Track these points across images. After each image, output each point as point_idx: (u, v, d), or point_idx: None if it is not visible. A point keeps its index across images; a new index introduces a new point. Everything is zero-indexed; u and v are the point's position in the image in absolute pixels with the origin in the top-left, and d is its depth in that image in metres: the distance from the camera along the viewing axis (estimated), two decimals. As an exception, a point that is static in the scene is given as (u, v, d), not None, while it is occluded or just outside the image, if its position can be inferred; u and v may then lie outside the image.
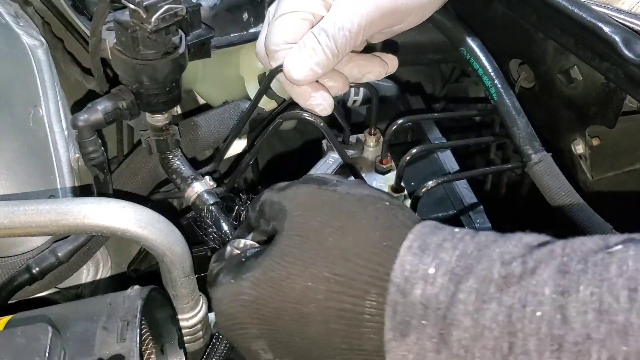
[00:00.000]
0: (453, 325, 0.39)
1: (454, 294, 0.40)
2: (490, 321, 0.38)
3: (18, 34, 0.81)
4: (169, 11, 0.57)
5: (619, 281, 0.36)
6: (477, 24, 0.83)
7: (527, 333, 0.37)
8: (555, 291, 0.37)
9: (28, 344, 0.49)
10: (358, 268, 0.44)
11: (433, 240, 0.43)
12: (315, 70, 0.60)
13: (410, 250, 0.43)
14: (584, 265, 0.37)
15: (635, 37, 0.62)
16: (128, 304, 0.55)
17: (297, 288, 0.45)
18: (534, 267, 0.39)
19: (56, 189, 0.74)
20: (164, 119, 0.69)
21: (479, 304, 0.39)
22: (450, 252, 0.42)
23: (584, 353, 0.35)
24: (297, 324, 0.45)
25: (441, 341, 0.40)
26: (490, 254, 0.41)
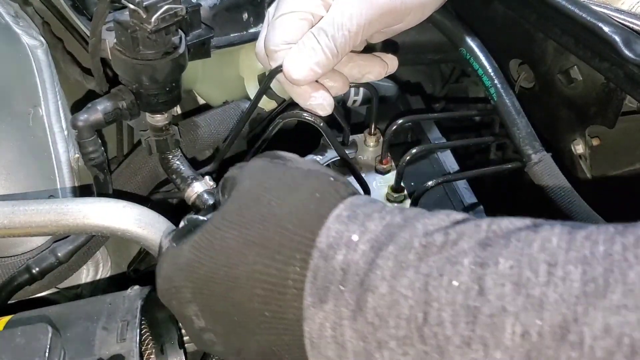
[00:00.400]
0: (369, 291, 0.39)
1: (373, 260, 0.39)
2: (406, 288, 0.37)
3: (18, 34, 0.81)
4: (169, 11, 0.57)
5: (540, 256, 0.35)
6: (477, 24, 0.83)
7: (442, 303, 0.36)
8: (475, 262, 0.36)
9: (28, 344, 0.49)
10: (288, 234, 0.44)
11: (363, 210, 0.43)
12: (315, 70, 0.60)
13: (339, 219, 0.43)
14: (507, 240, 0.37)
15: (635, 37, 0.62)
16: (128, 304, 0.55)
17: (229, 251, 0.45)
18: (455, 239, 0.38)
19: (56, 189, 0.74)
20: (163, 119, 0.69)
21: (397, 270, 0.38)
22: (377, 222, 0.42)
23: (498, 325, 0.34)
24: (226, 287, 0.45)
25: (357, 308, 0.39)
26: (415, 224, 0.41)
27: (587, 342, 0.32)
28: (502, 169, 0.81)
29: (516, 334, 0.34)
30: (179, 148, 0.74)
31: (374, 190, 0.78)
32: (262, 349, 0.46)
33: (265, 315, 0.44)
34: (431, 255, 0.38)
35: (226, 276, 0.45)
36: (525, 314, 0.34)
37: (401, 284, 0.38)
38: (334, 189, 0.47)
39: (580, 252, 0.35)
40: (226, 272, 0.45)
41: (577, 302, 0.33)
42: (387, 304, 0.38)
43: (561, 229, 0.37)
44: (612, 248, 0.34)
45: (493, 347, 0.34)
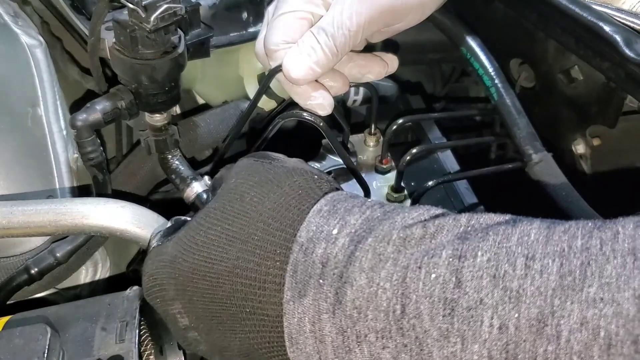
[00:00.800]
0: (348, 283, 0.39)
1: (352, 253, 0.39)
2: (385, 280, 0.37)
3: (17, 33, 0.81)
4: (168, 10, 0.57)
5: (518, 249, 0.35)
6: (477, 23, 0.83)
7: (420, 295, 0.36)
8: (453, 255, 0.36)
9: (27, 344, 0.49)
10: (269, 230, 0.44)
11: (343, 205, 0.44)
12: (314, 69, 0.60)
13: (319, 214, 0.43)
14: (485, 234, 0.37)
15: (636, 37, 0.62)
16: (127, 304, 0.55)
17: (211, 247, 0.46)
18: (434, 232, 0.39)
19: (55, 189, 0.74)
20: (163, 118, 0.69)
21: (375, 262, 0.38)
22: (356, 216, 0.42)
23: (476, 318, 0.34)
24: (208, 284, 0.46)
25: (336, 301, 0.39)
26: (394, 217, 0.41)
27: (564, 335, 0.32)
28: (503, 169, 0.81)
29: (494, 326, 0.34)
30: (178, 148, 0.73)
31: (374, 191, 0.78)
32: (245, 348, 0.46)
33: (246, 312, 0.44)
34: (410, 247, 0.38)
35: (208, 272, 0.46)
36: (503, 307, 0.34)
37: (380, 277, 0.38)
38: (316, 185, 0.47)
39: (558, 246, 0.35)
40: (208, 268, 0.46)
41: (554, 295, 0.33)
42: (365, 297, 0.38)
43: (540, 223, 0.37)
44: (590, 242, 0.34)
45: (471, 340, 0.34)
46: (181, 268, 0.47)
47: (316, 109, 0.64)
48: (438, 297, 0.35)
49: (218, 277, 0.45)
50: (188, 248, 0.47)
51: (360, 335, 0.38)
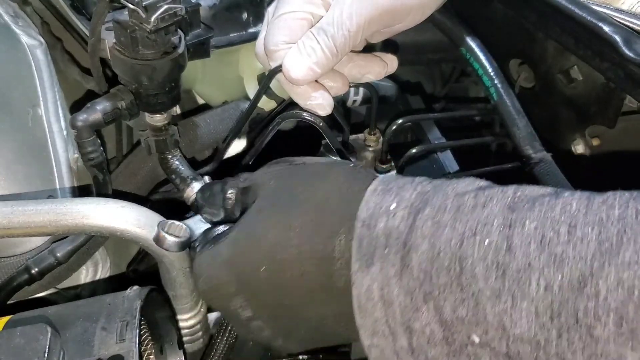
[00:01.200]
0: (412, 249, 0.42)
1: (412, 223, 0.43)
2: (445, 244, 0.41)
3: (17, 33, 0.81)
4: (168, 11, 0.57)
5: (561, 218, 0.39)
6: (477, 24, 0.83)
7: (475, 259, 0.40)
8: (504, 224, 0.40)
9: (27, 344, 0.49)
10: (328, 213, 0.48)
11: (395, 184, 0.47)
12: (314, 69, 0.60)
13: (375, 193, 0.47)
14: (532, 205, 0.41)
15: (635, 37, 0.62)
16: (127, 304, 0.55)
17: (271, 238, 0.49)
18: (485, 202, 0.42)
19: (55, 189, 0.74)
20: (163, 119, 0.69)
21: (435, 229, 0.42)
22: (410, 192, 0.46)
23: (524, 280, 0.38)
24: (273, 272, 0.49)
25: (403, 266, 0.43)
26: (446, 189, 0.45)
27: (602, 293, 0.35)
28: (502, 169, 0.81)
29: (540, 287, 0.37)
30: (178, 148, 0.73)
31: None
32: (312, 326, 0.50)
33: (315, 290, 0.48)
34: (464, 216, 0.42)
35: (272, 262, 0.49)
36: (548, 270, 0.37)
37: (440, 241, 0.42)
38: (359, 172, 0.51)
39: (597, 216, 0.38)
40: (271, 258, 0.49)
41: (593, 259, 0.36)
42: (428, 259, 0.42)
43: (580, 195, 0.41)
44: (626, 212, 0.38)
45: (520, 299, 0.38)
46: (243, 265, 0.50)
47: (316, 109, 0.64)
48: (491, 260, 0.39)
49: (283, 264, 0.48)
50: (246, 244, 0.50)
51: (426, 293, 0.42)
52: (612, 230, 0.37)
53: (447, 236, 0.42)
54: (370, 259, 0.44)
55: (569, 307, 0.37)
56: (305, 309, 0.49)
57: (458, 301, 0.40)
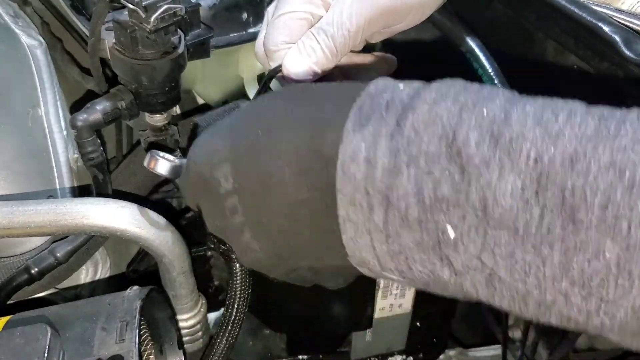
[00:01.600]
0: (410, 111, 0.42)
1: (417, 93, 0.44)
2: (444, 110, 0.41)
3: (17, 34, 0.81)
4: (168, 11, 0.57)
5: (563, 106, 0.39)
6: (476, 23, 0.83)
7: (471, 126, 0.39)
8: (506, 100, 0.40)
9: (27, 344, 0.49)
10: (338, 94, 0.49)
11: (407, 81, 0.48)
12: (314, 69, 0.60)
13: (385, 79, 0.48)
14: (535, 98, 0.41)
15: (635, 37, 0.62)
16: (127, 304, 0.55)
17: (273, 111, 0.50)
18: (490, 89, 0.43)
19: (55, 189, 0.74)
20: (163, 119, 0.69)
21: (438, 97, 0.42)
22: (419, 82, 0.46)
23: (515, 149, 0.37)
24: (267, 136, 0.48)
25: (396, 126, 0.42)
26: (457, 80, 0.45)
27: (592, 172, 0.35)
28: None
29: (530, 158, 0.37)
30: (178, 148, 0.73)
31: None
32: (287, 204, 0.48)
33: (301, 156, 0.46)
34: (469, 93, 0.42)
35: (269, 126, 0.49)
36: (542, 142, 0.37)
37: (440, 107, 0.41)
38: None
39: (599, 111, 0.38)
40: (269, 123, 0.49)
41: (589, 140, 0.36)
42: (424, 121, 0.41)
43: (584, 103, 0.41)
44: (629, 113, 0.37)
45: (508, 169, 0.37)
46: (240, 127, 0.51)
47: (316, 109, 0.64)
48: (486, 129, 0.39)
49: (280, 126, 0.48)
50: (251, 112, 0.52)
51: (411, 157, 0.41)
52: (611, 121, 0.37)
53: (447, 104, 0.41)
54: (366, 120, 0.43)
55: (557, 183, 0.36)
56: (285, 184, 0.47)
57: (442, 174, 0.40)
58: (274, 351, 0.99)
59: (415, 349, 1.08)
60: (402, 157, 0.41)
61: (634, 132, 0.36)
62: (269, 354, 1.00)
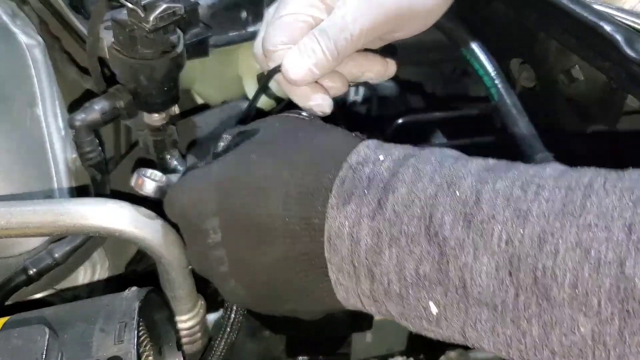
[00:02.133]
0: (390, 191, 0.44)
1: (396, 170, 0.45)
2: (421, 192, 0.43)
3: (15, 33, 0.80)
4: (167, 10, 0.57)
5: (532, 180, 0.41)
6: (477, 23, 0.83)
7: (446, 208, 0.42)
8: (477, 180, 0.42)
9: (25, 345, 0.49)
10: (321, 156, 0.50)
11: (388, 145, 0.50)
12: (313, 71, 0.59)
13: (367, 147, 0.49)
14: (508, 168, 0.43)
15: (637, 36, 0.62)
16: (126, 305, 0.55)
17: (265, 168, 0.51)
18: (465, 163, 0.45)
19: (53, 189, 0.74)
20: (161, 118, 0.68)
21: (415, 177, 0.44)
22: (400, 150, 0.48)
23: (487, 231, 0.39)
24: (257, 198, 0.50)
25: (378, 207, 0.44)
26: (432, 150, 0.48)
27: (560, 252, 0.37)
28: (503, 169, 0.80)
29: (502, 239, 0.39)
30: (177, 148, 0.73)
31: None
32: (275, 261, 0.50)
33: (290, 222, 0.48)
34: (444, 169, 0.44)
35: (259, 189, 0.50)
36: (511, 223, 0.39)
37: (417, 188, 0.43)
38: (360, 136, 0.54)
39: (567, 181, 0.40)
40: (259, 186, 0.50)
41: (556, 219, 0.38)
42: (404, 203, 0.43)
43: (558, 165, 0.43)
44: (596, 180, 0.39)
45: (482, 251, 0.39)
46: (229, 187, 0.51)
47: (315, 109, 0.64)
48: (460, 211, 0.41)
49: (269, 192, 0.49)
50: (237, 168, 0.52)
51: (393, 238, 0.43)
52: (578, 194, 0.38)
53: (424, 184, 0.43)
54: (349, 197, 0.46)
55: (529, 264, 0.37)
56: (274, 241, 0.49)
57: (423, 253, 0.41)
58: (273, 352, 0.99)
59: (415, 350, 1.07)
60: (384, 237, 0.43)
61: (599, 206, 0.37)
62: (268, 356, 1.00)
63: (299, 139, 0.53)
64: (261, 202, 0.50)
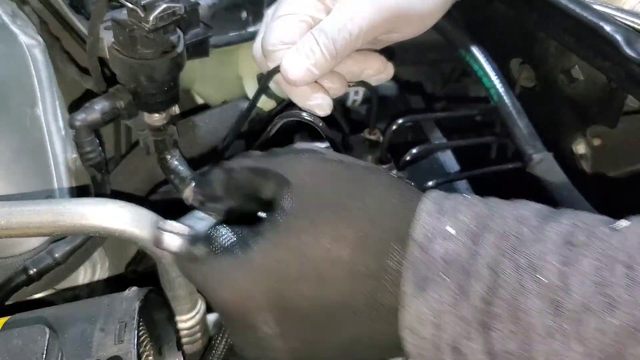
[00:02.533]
0: (473, 277, 0.42)
1: (474, 250, 0.42)
2: (506, 275, 0.41)
3: (15, 33, 0.80)
4: (167, 10, 0.56)
5: (618, 257, 0.39)
6: (478, 23, 0.83)
7: (533, 294, 0.40)
8: (561, 260, 0.40)
9: (25, 345, 0.49)
10: (381, 228, 0.45)
11: (448, 204, 0.46)
12: (312, 71, 0.59)
13: (429, 213, 0.45)
14: (588, 238, 0.40)
15: (636, 37, 0.62)
16: (126, 305, 0.55)
17: (318, 251, 0.45)
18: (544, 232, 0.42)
19: (53, 189, 0.74)
20: (162, 118, 0.68)
21: (498, 258, 0.41)
22: (465, 213, 0.44)
23: (579, 321, 0.38)
24: (317, 289, 0.45)
25: (461, 293, 0.42)
26: (503, 213, 0.44)
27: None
28: (503, 168, 0.80)
29: (594, 329, 0.37)
30: (177, 148, 0.73)
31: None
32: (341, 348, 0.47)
33: (359, 309, 0.45)
34: (524, 247, 0.41)
35: (317, 277, 0.45)
36: (603, 313, 0.37)
37: (502, 271, 0.41)
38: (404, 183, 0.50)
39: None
40: (317, 273, 0.45)
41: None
42: (489, 290, 0.41)
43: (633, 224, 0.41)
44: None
45: (573, 340, 0.38)
46: (280, 278, 0.46)
47: (315, 109, 0.64)
48: (548, 298, 0.39)
49: (330, 280, 0.45)
50: (287, 256, 0.46)
51: (481, 323, 0.41)
52: None
53: (508, 267, 0.41)
54: (425, 283, 0.43)
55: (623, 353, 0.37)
56: (342, 329, 0.46)
57: (510, 334, 0.40)
58: (273, 352, 0.98)
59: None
60: (472, 324, 0.42)
61: None
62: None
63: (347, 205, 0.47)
64: (322, 290, 0.45)
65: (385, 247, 0.45)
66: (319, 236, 0.45)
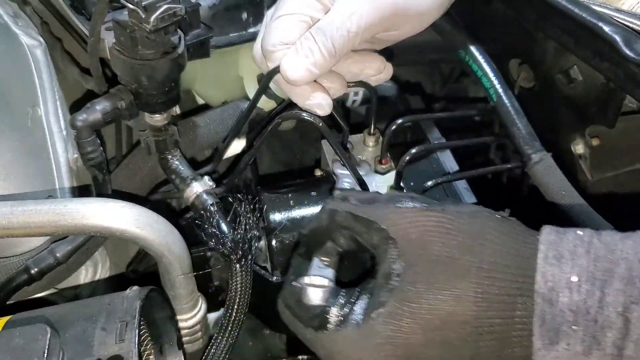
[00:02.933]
0: (605, 326, 0.42)
1: (601, 298, 0.42)
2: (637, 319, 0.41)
3: (16, 33, 0.81)
4: (168, 11, 0.57)
5: None
6: (477, 23, 0.83)
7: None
8: None
9: (27, 344, 0.49)
10: (501, 283, 0.45)
11: (565, 248, 0.45)
12: (312, 70, 0.60)
13: (547, 261, 0.45)
14: None
15: (635, 37, 0.62)
16: (127, 304, 0.55)
17: (441, 314, 0.46)
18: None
19: (55, 189, 0.74)
20: (163, 119, 0.69)
21: (627, 304, 0.42)
22: (585, 258, 0.44)
23: None
24: (444, 351, 0.46)
25: (593, 343, 0.42)
26: (626, 256, 0.44)
27: None
28: (502, 169, 0.81)
29: None
30: (178, 148, 0.73)
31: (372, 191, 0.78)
32: None
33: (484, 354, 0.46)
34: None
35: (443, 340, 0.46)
36: None
37: (632, 316, 0.42)
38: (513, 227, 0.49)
39: None
40: (442, 336, 0.46)
41: None
42: (622, 336, 0.42)
43: None
44: None
45: None
46: (405, 343, 0.46)
47: (315, 109, 0.64)
48: None
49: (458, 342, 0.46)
50: (410, 321, 0.46)
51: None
52: None
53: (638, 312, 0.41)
54: (556, 335, 0.43)
55: None
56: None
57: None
58: (274, 351, 0.98)
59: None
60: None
61: None
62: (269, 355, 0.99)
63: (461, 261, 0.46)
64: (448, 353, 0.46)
65: (508, 303, 0.45)
66: (439, 299, 0.46)
